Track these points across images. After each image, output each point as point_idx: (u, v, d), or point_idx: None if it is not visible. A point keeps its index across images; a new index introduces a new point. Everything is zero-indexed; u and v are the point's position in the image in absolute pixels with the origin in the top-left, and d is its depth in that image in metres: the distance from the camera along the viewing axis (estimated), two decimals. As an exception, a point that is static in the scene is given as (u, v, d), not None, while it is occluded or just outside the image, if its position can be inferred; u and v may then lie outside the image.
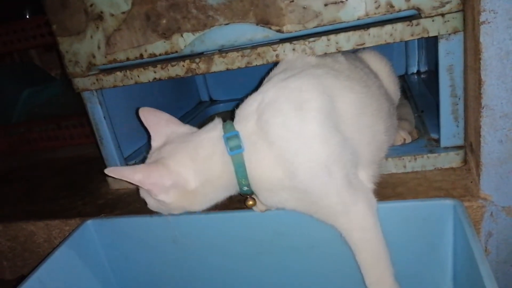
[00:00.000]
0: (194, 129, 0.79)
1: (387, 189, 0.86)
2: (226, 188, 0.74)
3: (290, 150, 0.66)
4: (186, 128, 0.79)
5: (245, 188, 0.72)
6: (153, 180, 0.70)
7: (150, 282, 0.96)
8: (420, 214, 0.74)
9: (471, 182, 0.82)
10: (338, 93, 0.72)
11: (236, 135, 0.69)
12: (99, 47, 1.00)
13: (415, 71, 1.53)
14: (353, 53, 0.97)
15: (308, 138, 0.66)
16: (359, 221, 0.68)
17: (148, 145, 0.82)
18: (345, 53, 0.88)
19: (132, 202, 1.08)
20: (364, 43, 0.83)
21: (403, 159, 0.90)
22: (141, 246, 0.93)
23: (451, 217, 0.72)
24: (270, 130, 0.67)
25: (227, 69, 0.93)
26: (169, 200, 0.72)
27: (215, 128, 0.74)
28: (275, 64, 0.84)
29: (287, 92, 0.70)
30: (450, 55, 0.82)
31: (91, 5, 0.96)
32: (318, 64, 0.79)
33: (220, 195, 0.76)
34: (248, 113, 0.72)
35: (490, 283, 0.55)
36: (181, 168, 0.71)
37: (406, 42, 1.51)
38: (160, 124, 0.80)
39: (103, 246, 0.96)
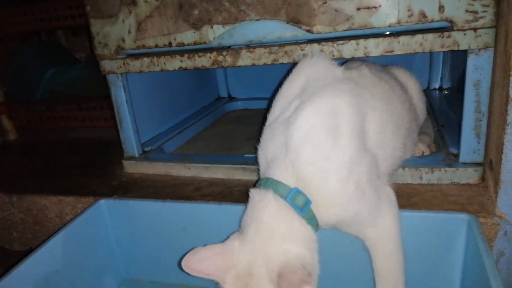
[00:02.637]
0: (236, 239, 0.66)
1: (401, 198, 0.85)
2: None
3: (329, 182, 0.65)
4: (235, 243, 0.66)
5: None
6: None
7: (156, 266, 0.97)
8: (433, 226, 0.74)
9: (488, 199, 0.81)
10: (365, 112, 0.71)
11: (298, 192, 0.64)
12: (129, 32, 1.02)
13: (437, 86, 1.52)
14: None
15: (343, 163, 0.65)
16: (386, 232, 0.69)
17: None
18: (369, 64, 0.88)
19: (145, 187, 1.10)
20: (393, 51, 0.83)
21: (420, 170, 0.90)
22: (151, 230, 0.94)
23: (464, 231, 0.72)
24: (308, 172, 0.65)
25: (253, 65, 0.94)
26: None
27: (267, 200, 0.65)
28: (291, 68, 0.79)
29: (319, 116, 0.67)
30: (478, 70, 0.82)
31: (127, -10, 0.98)
32: (344, 78, 0.76)
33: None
34: (278, 156, 0.68)
35: (501, 298, 0.55)
36: (300, 259, 0.62)
37: (431, 58, 1.50)
38: (217, 264, 0.64)
39: (114, 226, 0.97)
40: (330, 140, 0.66)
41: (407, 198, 0.86)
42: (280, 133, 0.69)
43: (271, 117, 0.75)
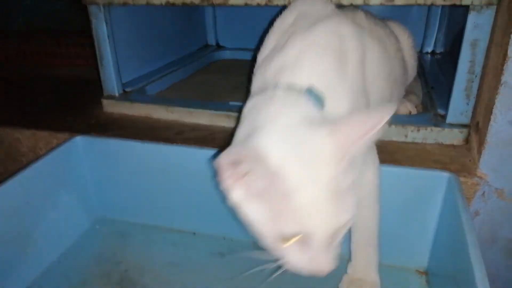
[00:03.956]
0: None
1: (384, 154, 0.84)
2: None
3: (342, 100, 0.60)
4: None
5: None
6: None
7: (132, 207, 0.95)
8: (414, 182, 0.74)
9: (470, 160, 0.81)
10: (365, 49, 0.67)
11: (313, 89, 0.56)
12: (114, -43, 0.95)
13: (429, 50, 1.50)
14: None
15: (352, 88, 0.61)
16: (367, 183, 0.68)
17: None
18: (364, 11, 0.84)
19: (124, 127, 1.06)
20: (393, 0, 0.79)
21: (406, 128, 0.89)
22: (128, 171, 0.92)
23: (444, 188, 0.72)
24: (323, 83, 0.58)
25: (246, 5, 0.89)
26: None
27: (277, 94, 0.56)
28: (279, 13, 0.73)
29: (329, 37, 0.61)
30: (477, 29, 0.79)
31: None
32: (341, 14, 0.71)
33: None
34: (286, 64, 0.60)
35: (474, 251, 0.55)
36: None
37: (427, 21, 1.47)
38: None
39: (89, 165, 0.94)
40: (341, 62, 0.61)
41: (390, 154, 0.85)
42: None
43: (263, 53, 0.69)
